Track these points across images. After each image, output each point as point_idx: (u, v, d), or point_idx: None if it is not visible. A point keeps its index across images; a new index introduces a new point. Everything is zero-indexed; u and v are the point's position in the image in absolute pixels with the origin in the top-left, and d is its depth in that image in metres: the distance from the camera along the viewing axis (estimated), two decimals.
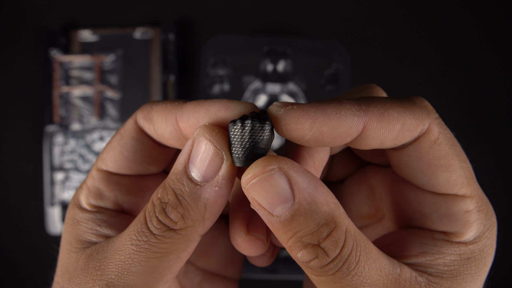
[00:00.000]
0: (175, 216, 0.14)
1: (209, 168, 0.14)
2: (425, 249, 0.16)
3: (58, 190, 0.57)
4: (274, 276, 0.53)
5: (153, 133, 0.16)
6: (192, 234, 0.14)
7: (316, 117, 0.14)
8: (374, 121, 0.14)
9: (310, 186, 0.14)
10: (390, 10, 0.60)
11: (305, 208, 0.14)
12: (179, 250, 0.14)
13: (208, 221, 0.14)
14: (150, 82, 0.58)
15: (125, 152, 0.16)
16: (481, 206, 0.16)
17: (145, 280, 0.14)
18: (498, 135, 0.60)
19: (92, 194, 0.17)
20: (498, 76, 0.60)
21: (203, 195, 0.14)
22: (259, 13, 0.60)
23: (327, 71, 0.55)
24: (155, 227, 0.14)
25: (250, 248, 0.17)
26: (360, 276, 0.14)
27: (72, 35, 0.59)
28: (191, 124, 0.15)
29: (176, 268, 0.15)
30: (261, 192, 0.14)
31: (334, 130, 0.14)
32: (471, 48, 0.60)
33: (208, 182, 0.14)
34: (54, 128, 0.57)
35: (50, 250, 0.60)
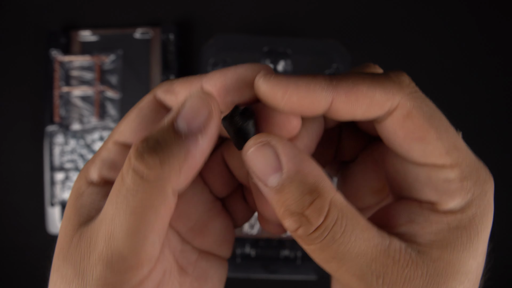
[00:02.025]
0: (153, 160, 0.14)
1: (195, 120, 0.14)
2: (413, 218, 0.16)
3: (58, 190, 0.58)
4: (274, 276, 0.53)
5: (175, 103, 0.16)
6: (165, 186, 0.14)
7: (287, 87, 0.15)
8: (342, 96, 0.16)
9: (296, 158, 0.15)
10: (390, 10, 0.60)
11: (291, 178, 0.15)
12: (156, 205, 0.14)
13: (184, 175, 0.14)
14: (150, 82, 0.59)
15: (144, 123, 0.17)
16: (468, 174, 0.17)
17: (130, 243, 0.14)
18: (498, 134, 0.60)
19: (106, 166, 0.17)
20: (498, 76, 0.60)
21: (184, 144, 0.14)
22: (259, 13, 0.60)
23: (327, 71, 0.55)
24: (130, 179, 0.14)
25: (281, 230, 0.18)
26: (346, 246, 0.15)
27: (73, 35, 0.59)
28: (219, 87, 0.16)
29: (158, 227, 0.15)
30: (255, 162, 0.15)
31: (303, 101, 0.15)
32: (471, 48, 0.60)
33: (192, 134, 0.14)
34: (54, 128, 0.57)
35: (50, 250, 0.60)
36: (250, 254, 0.54)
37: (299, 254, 0.54)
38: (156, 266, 0.16)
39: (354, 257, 0.15)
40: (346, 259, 0.15)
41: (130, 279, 0.15)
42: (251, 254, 0.54)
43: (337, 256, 0.15)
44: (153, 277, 0.16)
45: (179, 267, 0.19)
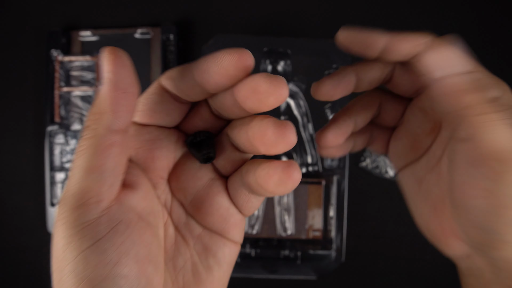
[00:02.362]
0: (90, 116, 0.17)
1: (102, 72, 0.17)
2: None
3: (58, 190, 0.58)
4: (274, 276, 0.53)
5: (172, 87, 0.19)
6: (99, 128, 0.16)
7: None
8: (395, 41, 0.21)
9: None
10: (390, 10, 0.60)
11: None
12: (96, 145, 0.16)
13: (111, 113, 0.16)
14: (150, 82, 0.59)
15: (148, 103, 0.19)
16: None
17: (79, 182, 0.16)
18: None
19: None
20: (498, 76, 0.60)
21: (100, 92, 0.17)
22: (259, 13, 0.60)
23: (327, 71, 0.55)
24: (82, 133, 0.17)
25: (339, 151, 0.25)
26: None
27: (73, 36, 0.59)
28: (203, 71, 0.18)
29: (101, 164, 0.16)
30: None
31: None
32: (471, 47, 0.60)
33: (103, 81, 0.17)
34: (54, 128, 0.58)
35: (50, 250, 0.60)
36: (250, 254, 0.54)
37: (299, 254, 0.54)
38: (112, 210, 0.17)
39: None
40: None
41: (81, 215, 0.16)
42: (251, 254, 0.54)
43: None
44: (108, 219, 0.17)
45: (180, 236, 0.20)
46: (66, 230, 0.16)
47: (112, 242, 0.16)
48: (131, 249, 0.17)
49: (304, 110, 0.55)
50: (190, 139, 0.20)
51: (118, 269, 0.16)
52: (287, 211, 0.54)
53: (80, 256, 0.16)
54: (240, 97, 0.17)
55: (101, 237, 0.16)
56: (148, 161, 0.19)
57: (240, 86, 0.17)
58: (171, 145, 0.20)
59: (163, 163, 0.20)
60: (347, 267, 0.58)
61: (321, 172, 0.55)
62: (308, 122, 0.55)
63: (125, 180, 0.18)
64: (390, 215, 0.59)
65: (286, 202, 0.54)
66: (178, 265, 0.20)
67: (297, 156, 0.55)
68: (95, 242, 0.16)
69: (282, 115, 0.55)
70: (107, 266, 0.16)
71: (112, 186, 0.17)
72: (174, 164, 0.21)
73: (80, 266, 0.16)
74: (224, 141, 0.20)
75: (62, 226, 0.16)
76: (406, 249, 0.59)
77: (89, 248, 0.16)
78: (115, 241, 0.16)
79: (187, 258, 0.20)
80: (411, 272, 0.59)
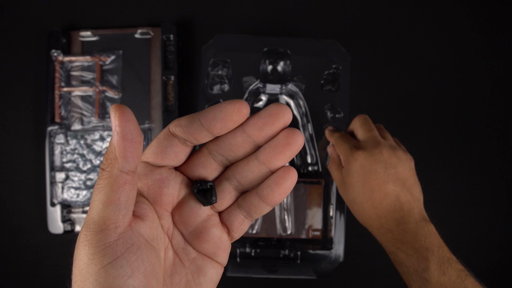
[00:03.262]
0: (105, 160, 0.21)
1: (112, 126, 0.21)
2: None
3: (59, 190, 0.58)
4: (274, 276, 0.53)
5: (181, 132, 0.23)
6: (113, 170, 0.21)
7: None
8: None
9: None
10: (389, 11, 0.60)
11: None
12: (112, 184, 0.21)
13: (121, 159, 0.21)
14: (150, 82, 0.59)
15: (160, 147, 0.23)
16: None
17: (97, 212, 0.21)
18: (497, 133, 0.60)
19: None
20: (498, 75, 0.60)
21: (112, 142, 0.21)
22: (259, 13, 0.60)
23: (326, 72, 0.55)
24: (99, 173, 0.22)
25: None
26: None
27: (73, 36, 0.59)
28: (211, 118, 0.22)
29: (116, 198, 0.21)
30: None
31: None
32: (469, 48, 0.60)
33: (114, 133, 0.21)
34: (55, 128, 0.58)
35: (51, 250, 0.60)
36: (250, 253, 0.54)
37: (299, 254, 0.54)
38: (126, 234, 0.21)
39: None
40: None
41: (102, 238, 0.21)
42: (251, 254, 0.54)
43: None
44: (124, 241, 0.21)
45: (178, 258, 0.25)
46: (89, 249, 0.20)
47: (127, 259, 0.21)
48: (141, 266, 0.21)
49: (303, 110, 0.55)
50: (197, 187, 0.24)
51: (131, 281, 0.21)
52: (287, 211, 0.54)
53: (102, 269, 0.20)
54: (258, 127, 0.22)
55: (119, 255, 0.21)
56: (157, 196, 0.24)
57: (255, 119, 0.22)
58: (176, 185, 0.25)
59: (169, 199, 0.25)
60: (346, 267, 0.58)
61: (321, 172, 0.55)
62: (308, 122, 0.55)
63: (136, 211, 0.23)
64: None
65: (286, 202, 0.54)
66: (175, 281, 0.24)
67: (297, 156, 0.55)
68: (115, 259, 0.21)
69: None
70: (123, 278, 0.20)
71: (125, 215, 0.21)
72: (178, 201, 0.25)
73: (102, 277, 0.20)
74: (224, 185, 0.25)
75: (86, 246, 0.21)
76: None
77: (109, 264, 0.20)
78: (129, 258, 0.21)
79: (183, 276, 0.25)
80: None
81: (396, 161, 0.45)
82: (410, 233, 0.42)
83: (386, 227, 0.43)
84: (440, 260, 0.39)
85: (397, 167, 0.45)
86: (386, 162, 0.45)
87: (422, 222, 0.42)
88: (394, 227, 0.43)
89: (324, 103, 0.55)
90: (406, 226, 0.42)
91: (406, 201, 0.44)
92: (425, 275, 0.39)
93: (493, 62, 0.60)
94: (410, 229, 0.42)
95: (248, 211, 0.25)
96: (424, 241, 0.41)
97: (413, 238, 0.41)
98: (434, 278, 0.39)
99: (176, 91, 0.58)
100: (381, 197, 0.44)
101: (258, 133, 0.22)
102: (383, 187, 0.44)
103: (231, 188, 0.25)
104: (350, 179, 0.46)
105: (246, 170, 0.24)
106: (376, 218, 0.44)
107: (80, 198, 0.58)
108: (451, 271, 0.39)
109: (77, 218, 0.59)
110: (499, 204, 0.60)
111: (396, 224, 0.42)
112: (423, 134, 0.60)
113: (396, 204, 0.43)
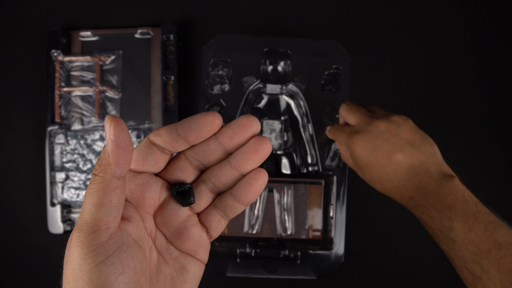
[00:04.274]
0: (97, 166, 0.23)
1: (106, 134, 0.23)
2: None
3: (59, 190, 0.58)
4: (274, 276, 0.53)
5: (160, 141, 0.25)
6: (106, 175, 0.23)
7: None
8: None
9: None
10: (389, 11, 0.60)
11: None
12: (105, 188, 0.22)
13: (114, 165, 0.22)
14: (150, 82, 0.59)
15: (140, 154, 0.25)
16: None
17: (90, 214, 0.22)
18: (496, 133, 0.60)
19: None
20: (497, 74, 0.60)
21: (106, 149, 0.22)
22: (259, 13, 0.60)
23: (327, 72, 0.55)
24: (91, 178, 0.23)
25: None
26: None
27: (73, 36, 0.59)
28: (187, 128, 0.24)
29: (108, 202, 0.22)
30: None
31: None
32: (469, 49, 0.60)
33: (107, 141, 0.22)
34: (55, 128, 0.58)
35: (51, 250, 0.60)
36: (250, 254, 0.54)
37: (299, 254, 0.54)
38: (116, 235, 0.23)
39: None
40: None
41: (94, 239, 0.22)
42: (251, 254, 0.54)
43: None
44: (114, 241, 0.23)
45: (162, 257, 0.27)
46: (82, 249, 0.22)
47: (118, 257, 0.22)
48: (131, 263, 0.23)
49: (304, 110, 0.55)
50: (176, 189, 0.26)
51: (122, 277, 0.22)
52: (287, 211, 0.54)
53: (95, 267, 0.22)
54: (228, 136, 0.24)
55: (111, 254, 0.22)
56: (139, 200, 0.26)
57: (226, 129, 0.24)
58: (157, 189, 0.26)
59: (151, 202, 0.26)
60: (347, 267, 0.58)
61: (321, 172, 0.55)
62: (308, 122, 0.55)
63: (123, 214, 0.24)
64: (390, 215, 0.59)
65: (286, 202, 0.54)
66: (160, 279, 0.26)
67: (297, 156, 0.55)
68: (107, 258, 0.22)
69: (282, 115, 0.55)
70: (115, 274, 0.22)
71: (116, 217, 0.23)
72: (159, 204, 0.27)
73: (95, 275, 0.21)
74: (201, 188, 0.27)
75: (79, 247, 0.22)
76: (406, 249, 0.59)
77: (102, 262, 0.22)
78: (120, 256, 0.22)
79: (167, 273, 0.26)
80: (411, 272, 0.59)
81: (395, 127, 0.44)
82: (431, 195, 0.40)
83: (407, 195, 0.42)
84: (465, 216, 0.37)
85: (398, 133, 0.44)
86: (385, 133, 0.44)
87: (442, 180, 0.40)
88: (414, 194, 0.41)
89: (324, 104, 0.55)
90: (426, 189, 0.40)
91: (420, 163, 0.42)
92: (451, 235, 0.37)
93: (493, 62, 0.60)
94: (431, 191, 0.40)
95: (224, 211, 0.27)
96: (446, 200, 0.39)
97: (434, 199, 0.39)
98: (459, 237, 0.37)
99: (176, 91, 0.58)
100: (394, 170, 0.43)
101: (229, 141, 0.25)
102: (392, 159, 0.43)
103: (207, 190, 0.27)
104: (360, 163, 0.46)
105: (220, 174, 0.26)
106: (396, 190, 0.43)
107: (80, 198, 0.58)
108: (478, 225, 0.36)
109: (77, 218, 0.59)
110: (499, 204, 0.60)
111: (416, 190, 0.41)
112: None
113: (411, 170, 0.42)
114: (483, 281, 0.34)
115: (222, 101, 0.55)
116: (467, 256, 0.36)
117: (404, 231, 0.59)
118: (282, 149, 0.54)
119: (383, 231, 0.59)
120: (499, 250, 0.34)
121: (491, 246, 0.34)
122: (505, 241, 0.34)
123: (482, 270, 0.34)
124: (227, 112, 0.55)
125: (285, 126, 0.54)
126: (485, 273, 0.34)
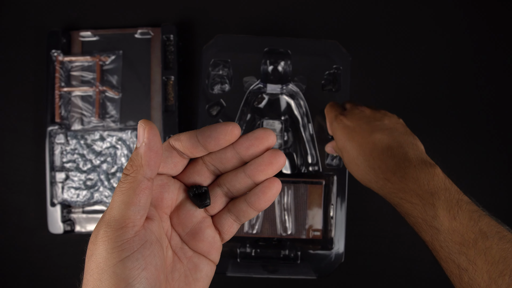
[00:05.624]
0: (129, 166, 0.24)
1: (139, 137, 0.24)
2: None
3: (59, 190, 0.58)
4: (274, 276, 0.53)
5: (180, 146, 0.26)
6: (137, 176, 0.24)
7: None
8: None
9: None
10: (390, 11, 0.60)
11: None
12: (135, 188, 0.24)
13: (146, 166, 0.24)
14: (150, 82, 0.59)
15: (163, 158, 0.26)
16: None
17: (119, 211, 0.24)
18: (496, 133, 0.60)
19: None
20: (498, 76, 0.60)
21: (139, 151, 0.24)
22: (259, 13, 0.60)
23: (327, 72, 0.55)
24: (122, 177, 0.25)
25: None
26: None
27: (73, 36, 0.59)
28: (207, 136, 0.25)
29: (137, 201, 0.24)
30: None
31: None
32: (469, 49, 0.60)
33: (141, 144, 0.24)
34: (55, 128, 0.58)
35: (51, 250, 0.60)
36: (250, 253, 0.54)
37: (299, 254, 0.54)
38: (141, 232, 0.24)
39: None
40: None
41: (122, 235, 0.23)
42: (251, 254, 0.54)
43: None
44: (139, 238, 0.24)
45: (176, 256, 0.28)
46: (109, 244, 0.23)
47: (142, 253, 0.24)
48: (153, 260, 0.24)
49: (304, 110, 0.55)
50: (193, 191, 0.27)
51: (144, 273, 0.23)
52: (287, 211, 0.54)
53: (120, 262, 0.23)
54: (245, 146, 0.26)
55: (135, 250, 0.23)
56: (158, 200, 0.27)
57: (244, 139, 0.26)
58: (175, 190, 0.27)
59: (169, 203, 0.27)
60: (347, 267, 0.58)
61: (321, 172, 0.55)
62: (309, 122, 0.55)
63: (147, 213, 0.26)
64: (390, 215, 0.59)
65: (286, 202, 0.54)
66: (175, 277, 0.27)
67: (298, 156, 0.55)
68: (131, 253, 0.23)
69: (282, 115, 0.55)
70: (138, 270, 0.23)
71: (142, 216, 0.24)
72: (176, 205, 0.28)
73: (119, 269, 0.23)
74: (216, 191, 0.28)
75: (106, 242, 0.23)
76: (406, 249, 0.59)
77: (127, 257, 0.23)
78: (143, 253, 0.24)
79: (181, 272, 0.28)
80: (411, 272, 0.59)
81: (380, 115, 0.44)
82: (410, 179, 0.38)
83: (383, 177, 0.40)
84: (448, 204, 0.35)
85: (382, 119, 0.43)
86: (369, 117, 0.43)
87: (422, 165, 0.38)
88: (391, 176, 0.39)
89: (324, 104, 0.55)
90: (404, 171, 0.38)
91: (398, 146, 0.40)
92: (435, 224, 0.35)
93: (493, 62, 0.60)
94: (409, 174, 0.38)
95: (237, 215, 0.28)
96: (427, 186, 0.37)
97: (414, 184, 0.37)
98: (444, 226, 0.35)
99: (176, 91, 0.58)
100: (370, 148, 0.41)
101: (245, 151, 0.26)
102: (369, 138, 0.41)
103: (222, 194, 0.28)
104: (339, 143, 0.45)
105: (235, 181, 0.27)
106: (371, 171, 0.41)
107: (80, 198, 0.58)
108: (462, 214, 0.34)
109: (77, 218, 0.59)
110: (499, 204, 0.60)
111: (393, 172, 0.39)
112: (424, 134, 0.60)
113: (387, 151, 0.40)
114: (469, 273, 0.33)
115: (222, 101, 0.55)
116: (453, 247, 0.34)
117: (404, 231, 0.59)
118: (283, 149, 0.54)
119: (383, 231, 0.59)
120: (485, 240, 0.33)
121: (477, 236, 0.33)
122: (490, 230, 0.33)
123: (469, 261, 0.33)
124: (227, 112, 0.55)
125: (285, 126, 0.54)
126: (472, 264, 0.33)
